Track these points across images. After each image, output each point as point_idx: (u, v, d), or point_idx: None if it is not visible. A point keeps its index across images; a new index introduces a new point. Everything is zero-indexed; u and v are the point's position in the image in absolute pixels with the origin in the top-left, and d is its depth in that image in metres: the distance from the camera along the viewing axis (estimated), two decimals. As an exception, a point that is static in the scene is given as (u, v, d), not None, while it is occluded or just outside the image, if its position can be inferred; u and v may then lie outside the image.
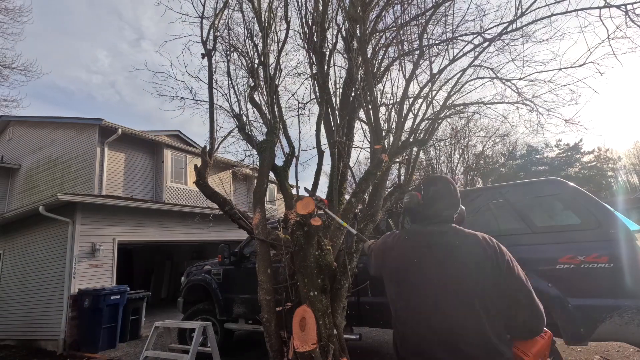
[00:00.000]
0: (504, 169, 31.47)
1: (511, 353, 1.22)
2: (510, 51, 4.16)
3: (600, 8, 2.99)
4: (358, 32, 3.90)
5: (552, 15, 3.34)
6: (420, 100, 4.11)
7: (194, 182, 3.93)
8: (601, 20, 3.03)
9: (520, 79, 4.32)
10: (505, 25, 3.53)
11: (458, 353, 1.18)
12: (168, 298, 12.44)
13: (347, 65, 4.53)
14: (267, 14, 4.21)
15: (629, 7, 2.89)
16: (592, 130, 7.46)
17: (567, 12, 3.20)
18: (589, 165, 33.25)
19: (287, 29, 4.27)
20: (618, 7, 2.93)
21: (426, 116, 4.10)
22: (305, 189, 3.48)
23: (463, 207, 1.49)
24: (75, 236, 6.86)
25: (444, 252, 1.31)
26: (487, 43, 3.73)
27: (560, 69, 4.00)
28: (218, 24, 4.17)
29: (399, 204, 4.01)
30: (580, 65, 3.65)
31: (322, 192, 5.62)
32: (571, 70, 3.84)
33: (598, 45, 3.27)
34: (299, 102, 5.01)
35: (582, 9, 3.13)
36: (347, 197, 3.83)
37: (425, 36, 3.96)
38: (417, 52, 4.06)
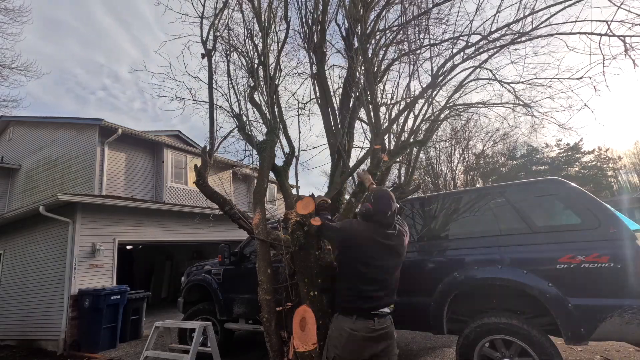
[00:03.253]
0: (504, 169, 31.48)
1: None
2: (510, 52, 4.17)
3: (601, 35, 3.07)
4: (359, 31, 3.90)
5: (557, 34, 3.42)
6: (420, 101, 4.11)
7: (194, 182, 3.93)
8: (599, 47, 3.14)
9: (518, 82, 4.35)
10: (514, 36, 3.57)
11: None
12: (168, 298, 12.44)
13: (347, 65, 4.53)
14: (267, 14, 4.21)
15: (627, 39, 3.00)
16: (585, 137, 7.55)
17: (571, 32, 3.27)
18: (589, 165, 33.25)
19: (287, 29, 4.26)
20: (618, 36, 3.02)
21: (426, 117, 4.11)
22: (312, 195, 3.45)
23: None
24: (76, 236, 6.86)
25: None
26: (494, 49, 3.76)
27: (558, 79, 4.08)
28: (218, 24, 4.17)
29: (399, 203, 4.00)
30: (578, 79, 3.76)
31: (322, 192, 5.62)
32: (568, 77, 3.93)
33: (595, 64, 3.38)
34: (299, 102, 5.01)
35: (584, 33, 3.19)
36: (347, 197, 3.83)
37: (426, 36, 3.97)
38: (418, 52, 4.06)
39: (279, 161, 4.07)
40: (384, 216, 2.34)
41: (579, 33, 3.21)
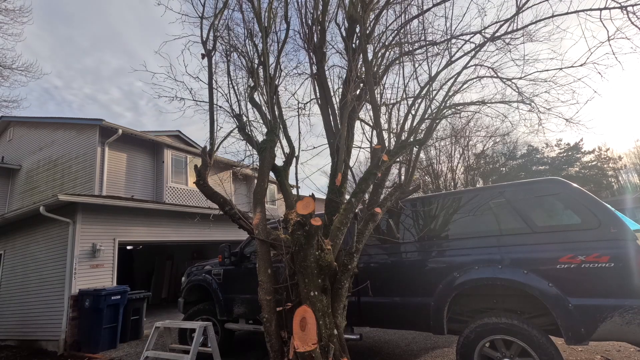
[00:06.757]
0: (504, 169, 31.44)
1: None
2: (511, 50, 4.16)
3: (600, 9, 3.01)
4: (358, 31, 3.90)
5: (554, 16, 3.36)
6: (419, 100, 4.11)
7: (194, 182, 3.94)
8: (602, 21, 3.04)
9: (520, 78, 4.32)
10: (502, 23, 3.54)
11: None
12: (168, 298, 12.44)
13: (347, 65, 4.53)
14: (267, 14, 4.21)
15: (629, 8, 2.90)
16: (592, 130, 7.49)
17: (567, 12, 3.21)
18: (590, 164, 33.22)
19: (287, 29, 4.27)
20: (618, 8, 2.94)
21: (426, 116, 4.10)
22: (312, 195, 3.46)
23: None
24: (76, 236, 6.87)
25: None
26: (487, 42, 3.74)
27: (561, 69, 4.01)
28: (218, 24, 4.17)
29: (399, 203, 4.00)
30: (581, 65, 3.66)
31: (322, 193, 5.62)
32: (572, 70, 3.85)
33: (599, 45, 3.29)
34: (299, 102, 5.01)
35: (582, 10, 3.14)
36: (347, 197, 3.83)
37: (424, 36, 3.97)
38: (417, 52, 4.06)
39: (279, 161, 4.07)
40: None
41: (577, 11, 3.16)
